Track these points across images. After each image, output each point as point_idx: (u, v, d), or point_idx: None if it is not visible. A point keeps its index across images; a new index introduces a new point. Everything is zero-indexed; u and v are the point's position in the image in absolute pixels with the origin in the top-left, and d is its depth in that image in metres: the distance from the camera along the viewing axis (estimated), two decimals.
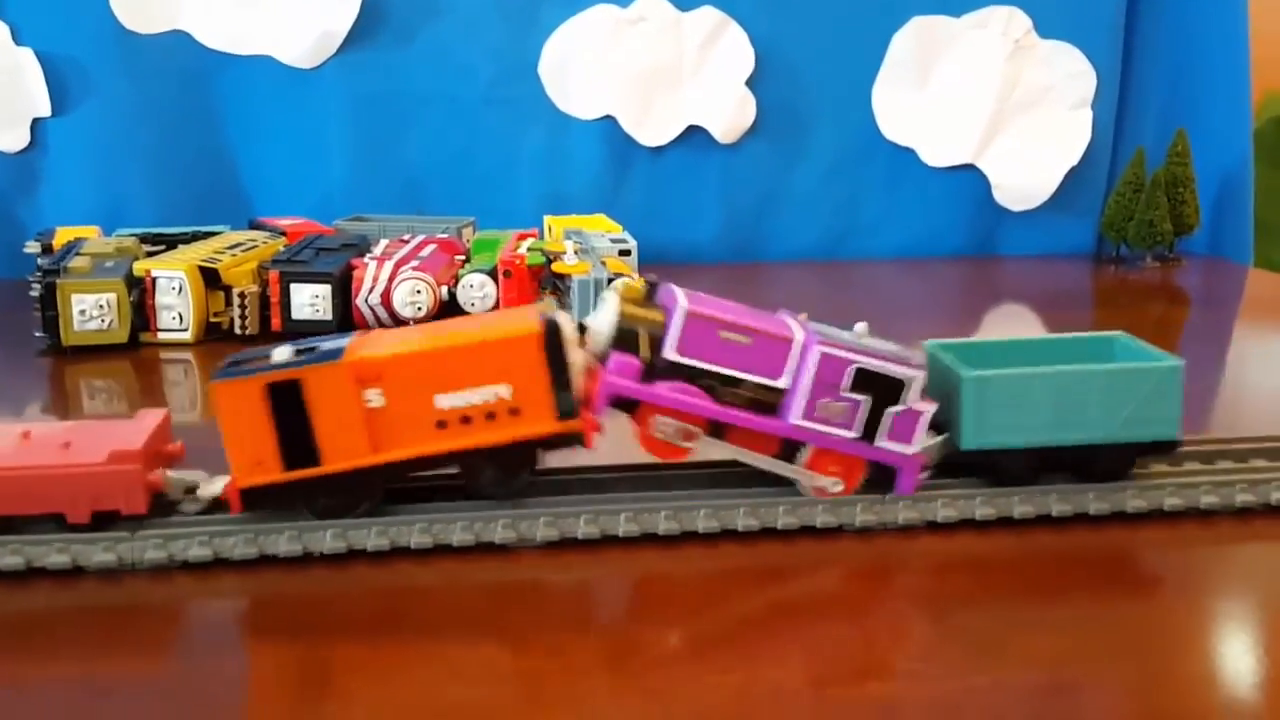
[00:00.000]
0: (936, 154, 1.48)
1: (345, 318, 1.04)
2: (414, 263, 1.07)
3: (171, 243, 1.18)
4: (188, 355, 1.02)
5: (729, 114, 1.43)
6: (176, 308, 1.02)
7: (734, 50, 1.43)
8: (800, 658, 0.50)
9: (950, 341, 0.66)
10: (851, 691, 0.47)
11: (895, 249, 1.51)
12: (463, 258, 1.16)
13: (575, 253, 1.10)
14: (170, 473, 0.59)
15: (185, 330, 1.02)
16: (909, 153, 1.48)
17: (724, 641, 0.51)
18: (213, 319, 1.04)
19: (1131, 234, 1.42)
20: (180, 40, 1.37)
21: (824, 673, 0.48)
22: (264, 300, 1.03)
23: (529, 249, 1.12)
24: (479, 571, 0.57)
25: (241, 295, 1.02)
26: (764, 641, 0.51)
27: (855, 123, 1.47)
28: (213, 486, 0.59)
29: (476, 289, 1.06)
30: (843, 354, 0.59)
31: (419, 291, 1.04)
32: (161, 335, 1.03)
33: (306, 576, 0.57)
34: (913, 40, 1.45)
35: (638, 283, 0.62)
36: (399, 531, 0.58)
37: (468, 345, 0.57)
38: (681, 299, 0.60)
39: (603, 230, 1.23)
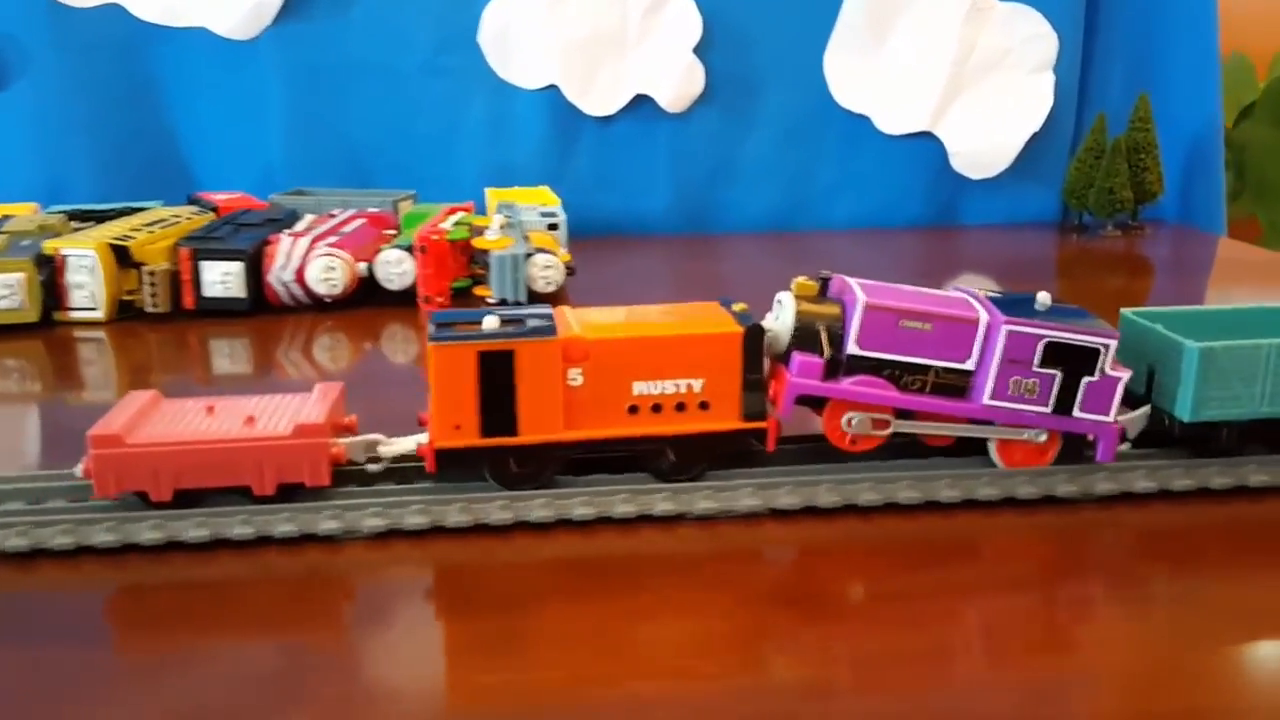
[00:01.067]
0: (892, 121, 1.44)
1: (258, 295, 1.02)
2: (332, 239, 1.05)
3: (101, 219, 1.16)
4: (100, 334, 1.00)
5: (676, 82, 1.39)
6: (88, 286, 1.01)
7: (680, 17, 1.39)
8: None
9: (1154, 310, 0.67)
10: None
11: (852, 219, 1.48)
12: (393, 232, 1.14)
13: (501, 227, 1.08)
14: (350, 439, 0.60)
15: (97, 309, 1.01)
16: (863, 120, 1.44)
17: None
18: (126, 297, 1.02)
19: (1092, 202, 1.38)
20: (114, 13, 1.35)
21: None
22: (175, 278, 1.01)
23: (456, 223, 1.09)
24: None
25: (151, 273, 1.00)
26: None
27: (807, 90, 1.43)
28: (394, 447, 0.60)
29: (394, 265, 1.04)
30: (1031, 330, 0.59)
31: (332, 268, 1.02)
32: (73, 314, 1.01)
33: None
34: (865, 3, 1.41)
35: (810, 281, 0.62)
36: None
37: (673, 337, 0.59)
38: (859, 292, 0.60)
39: (540, 203, 1.21)
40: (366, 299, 1.06)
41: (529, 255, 1.02)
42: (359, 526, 0.57)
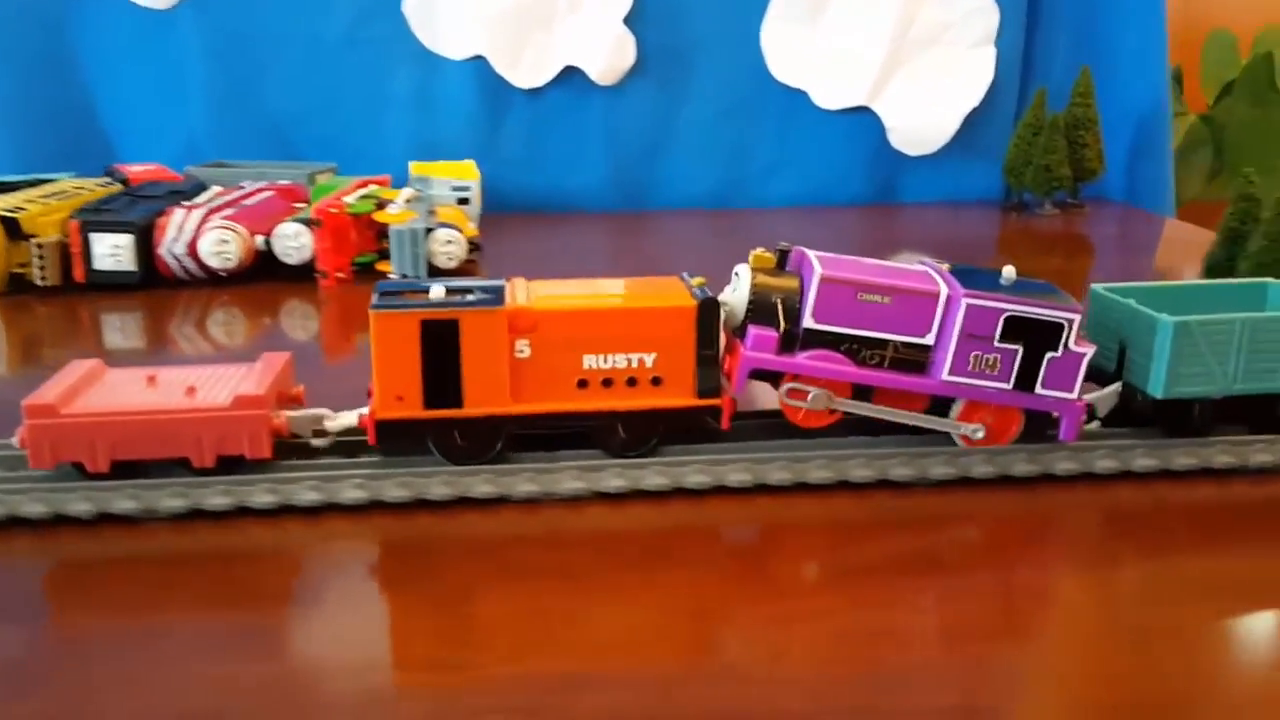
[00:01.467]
0: (829, 96, 1.41)
1: (149, 268, 1.00)
2: (228, 211, 1.02)
3: (5, 191, 1.14)
4: None
5: (607, 54, 1.36)
6: None
7: None
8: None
9: (1125, 285, 0.65)
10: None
11: (792, 196, 1.45)
12: (302, 206, 1.12)
13: (407, 201, 1.06)
14: (294, 412, 0.59)
15: None
16: (800, 95, 1.42)
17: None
18: (17, 270, 1.00)
19: (1029, 179, 1.35)
20: None
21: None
22: (65, 251, 0.99)
23: (362, 197, 1.07)
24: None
25: (40, 245, 0.98)
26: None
27: (743, 64, 1.40)
28: (339, 421, 0.59)
29: (291, 239, 1.02)
30: (991, 304, 0.57)
31: (225, 241, 0.99)
32: None
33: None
34: None
35: (767, 253, 0.61)
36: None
37: (624, 310, 0.58)
38: (816, 264, 0.59)
39: (456, 177, 1.18)
40: (266, 274, 1.04)
41: (429, 230, 1.00)
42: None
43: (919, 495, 0.59)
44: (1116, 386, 0.62)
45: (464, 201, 1.08)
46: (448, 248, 1.00)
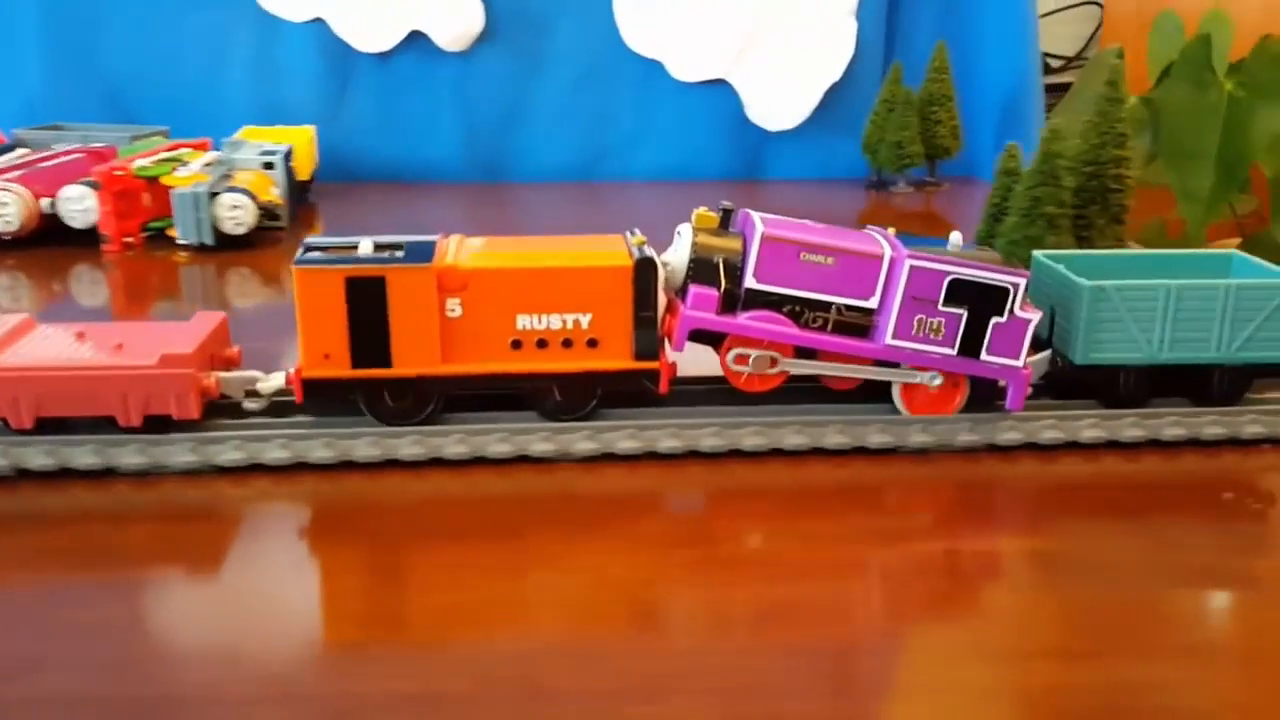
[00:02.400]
0: (686, 68, 1.38)
1: None
2: (16, 174, 1.00)
3: None
4: None
5: (452, 19, 1.33)
6: None
7: None
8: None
9: (1060, 253, 0.65)
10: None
11: (654, 170, 1.42)
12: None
13: (207, 165, 1.03)
14: (225, 374, 0.58)
15: None
16: (656, 65, 1.39)
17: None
18: None
19: (882, 156, 1.33)
20: None
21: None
22: None
23: (159, 160, 1.04)
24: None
25: None
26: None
27: (596, 32, 1.37)
28: (271, 382, 0.58)
29: (75, 201, 0.99)
30: (935, 266, 0.56)
31: (5, 204, 0.97)
32: None
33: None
34: None
35: (709, 212, 0.59)
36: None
37: (558, 269, 0.56)
38: (759, 223, 0.58)
39: (280, 142, 1.15)
40: (54, 238, 1.01)
41: (214, 194, 0.97)
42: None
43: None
44: (1047, 353, 0.61)
45: (269, 166, 1.05)
46: (234, 213, 0.98)
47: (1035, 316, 0.57)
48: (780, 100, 1.39)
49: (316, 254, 0.55)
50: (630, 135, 1.41)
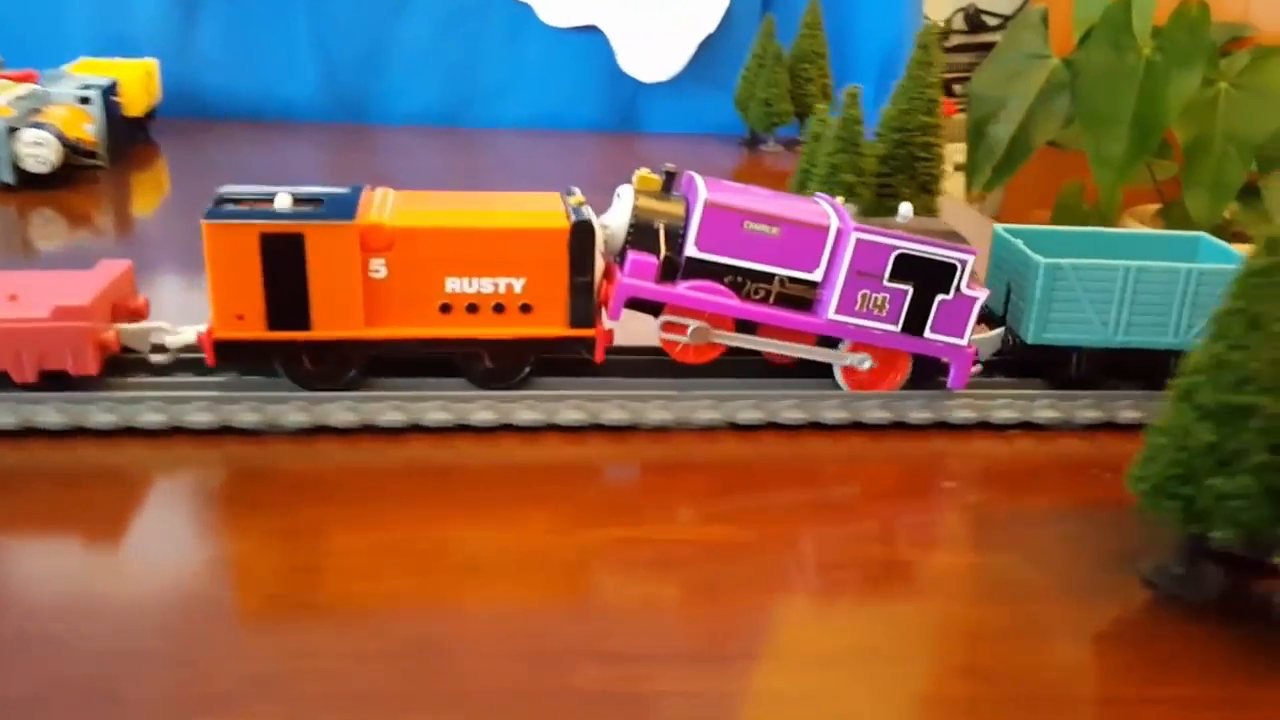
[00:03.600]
0: (555, 12, 1.33)
1: None
2: None
3: None
4: None
5: None
6: None
7: None
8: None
9: (1020, 227, 0.62)
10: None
11: (525, 118, 1.38)
12: None
13: (19, 98, 0.97)
14: (129, 326, 0.54)
15: None
16: (525, 8, 1.34)
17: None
18: None
19: (752, 114, 1.30)
20: None
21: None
22: None
23: None
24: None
25: None
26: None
27: None
28: (180, 337, 0.55)
29: None
30: (882, 240, 0.54)
31: None
32: None
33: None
34: None
35: (651, 175, 0.56)
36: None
37: (490, 230, 0.53)
38: (702, 188, 0.55)
39: (105, 75, 1.08)
40: None
41: (13, 130, 0.91)
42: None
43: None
44: (1000, 330, 0.60)
45: (85, 101, 0.99)
46: (36, 150, 0.92)
47: (982, 294, 0.55)
48: (653, 51, 1.35)
49: (229, 207, 0.51)
50: (499, 81, 1.37)
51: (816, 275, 0.56)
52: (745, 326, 0.56)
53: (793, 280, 0.56)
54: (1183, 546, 0.45)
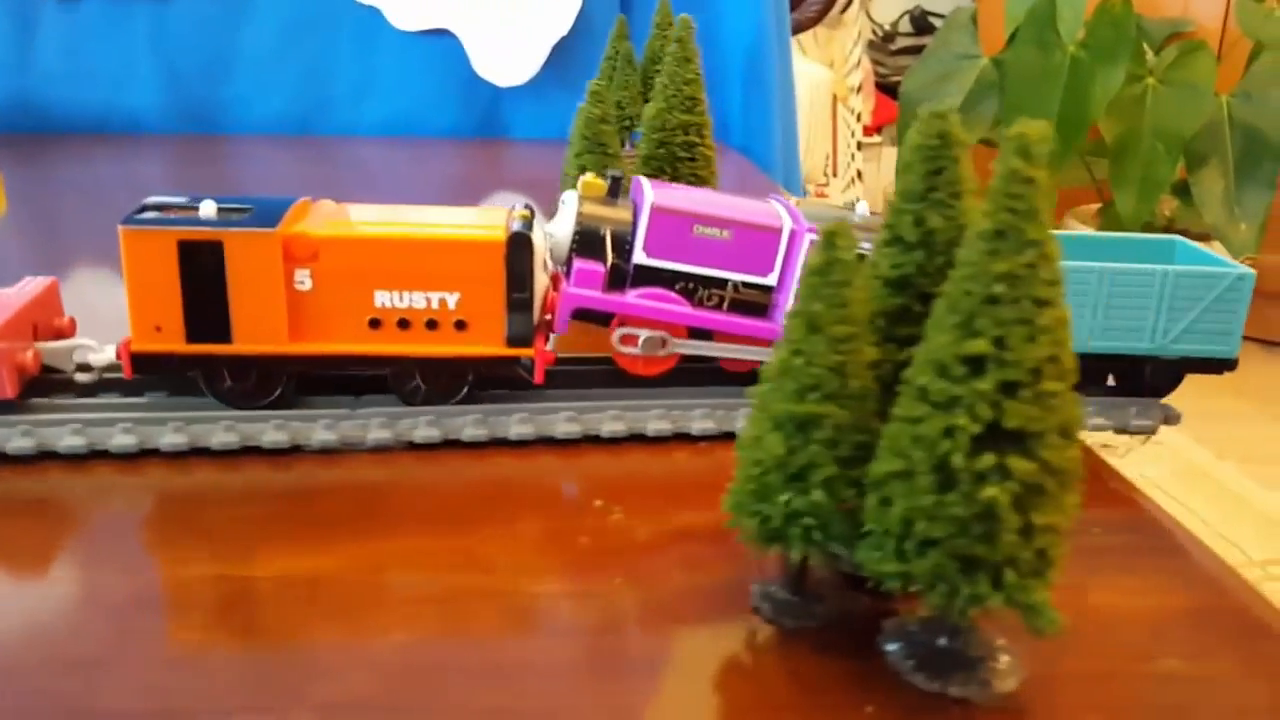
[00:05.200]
0: (405, 16, 1.30)
1: None
2: None
3: None
4: None
5: None
6: None
7: None
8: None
9: None
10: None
11: (381, 125, 1.35)
12: None
13: None
14: (49, 344, 0.53)
15: None
16: (374, 12, 1.31)
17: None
18: None
19: None
20: None
21: None
22: None
23: None
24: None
25: None
26: None
27: None
28: (104, 355, 0.53)
29: None
30: None
31: None
32: None
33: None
34: None
35: (597, 180, 0.54)
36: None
37: (421, 240, 0.51)
38: (649, 192, 0.52)
39: None
40: None
41: None
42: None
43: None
44: None
45: None
46: None
47: None
48: (507, 54, 1.32)
49: (150, 214, 0.49)
50: (352, 87, 1.34)
51: (771, 279, 0.54)
52: (699, 334, 0.54)
53: (747, 285, 0.54)
54: (789, 569, 0.41)
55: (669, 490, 0.50)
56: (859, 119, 3.24)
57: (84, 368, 0.53)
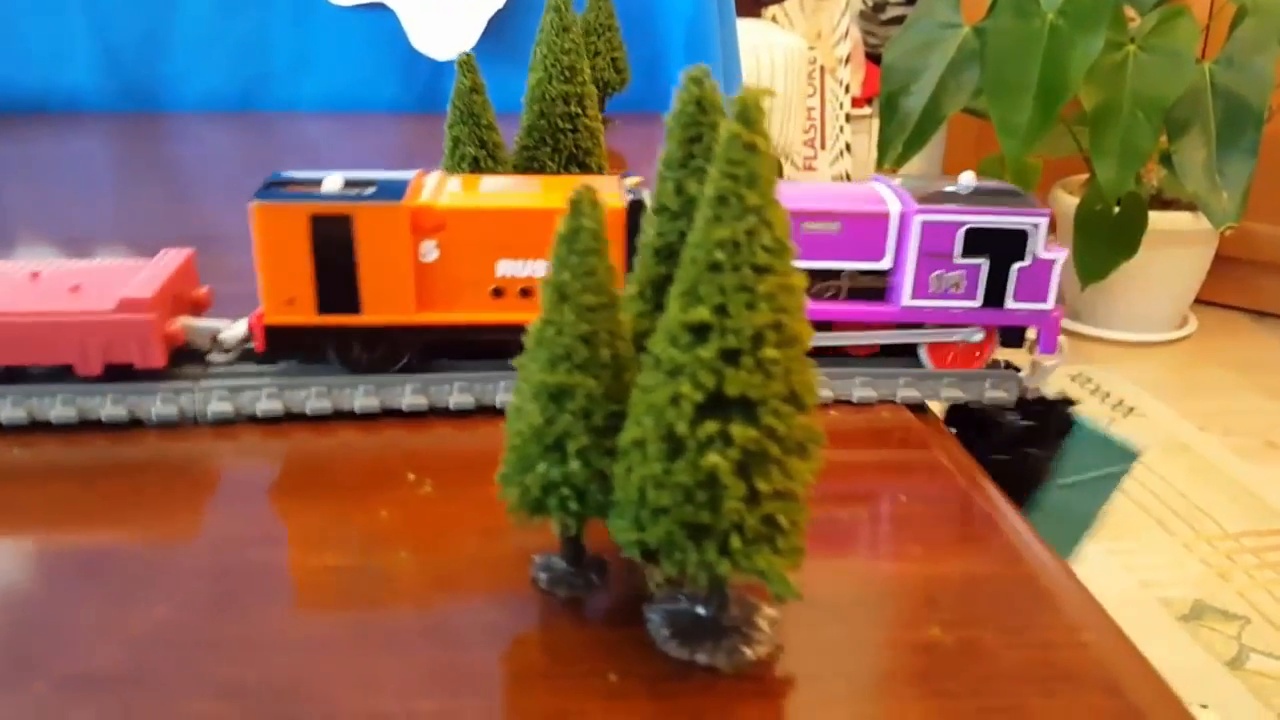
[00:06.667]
0: None
1: None
2: None
3: None
4: None
5: None
6: None
7: None
8: None
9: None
10: None
11: (320, 101, 1.35)
12: None
13: None
14: (190, 321, 0.54)
15: None
16: None
17: None
18: None
19: None
20: None
21: None
22: None
23: None
24: None
25: None
26: None
27: None
28: (234, 331, 0.54)
29: None
30: (948, 217, 0.52)
31: None
32: None
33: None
34: None
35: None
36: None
37: (542, 211, 0.52)
38: None
39: None
40: None
41: None
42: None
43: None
44: None
45: None
46: None
47: (1060, 255, 0.53)
48: (442, 27, 1.31)
49: (278, 189, 0.50)
50: (290, 63, 1.33)
51: (885, 264, 0.54)
52: (821, 325, 0.55)
53: (862, 273, 0.55)
54: (564, 538, 0.41)
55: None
56: (847, 90, 3.21)
57: (218, 346, 0.55)
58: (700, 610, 0.38)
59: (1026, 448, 0.57)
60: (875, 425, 0.54)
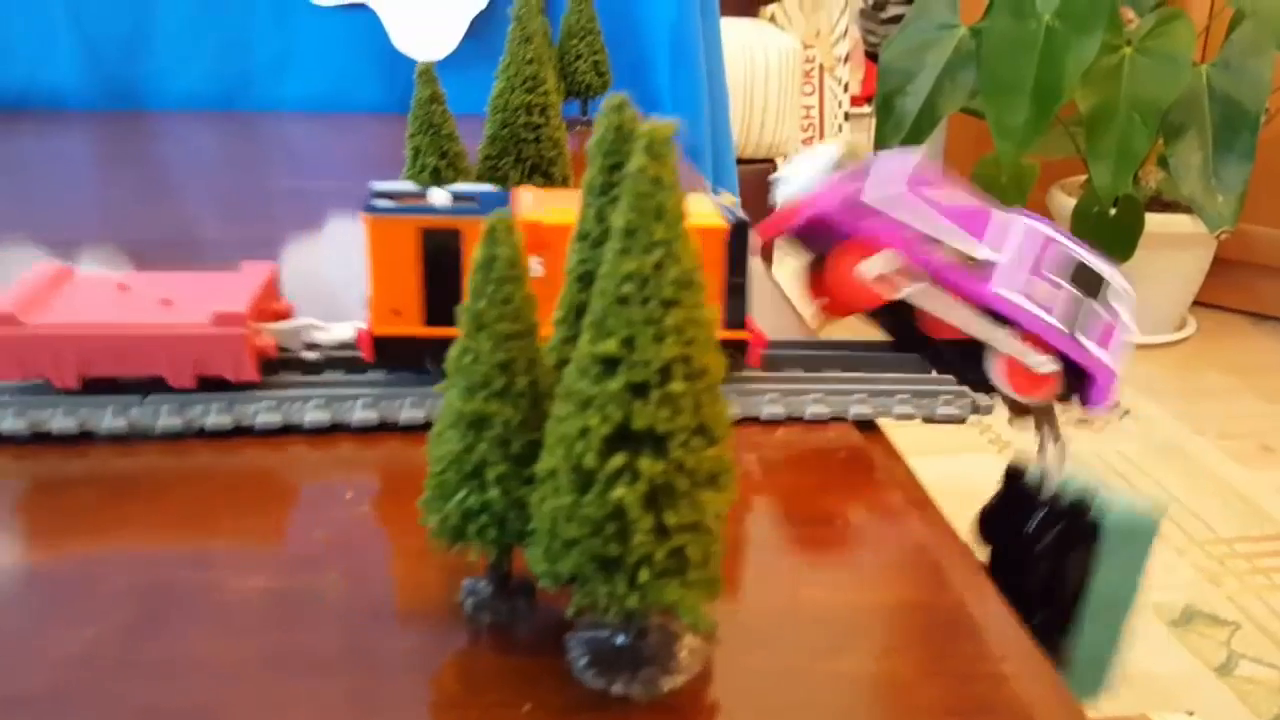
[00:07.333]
0: None
1: None
2: None
3: None
4: None
5: None
6: None
7: None
8: None
9: None
10: None
11: (304, 101, 1.34)
12: None
13: None
14: (280, 325, 0.55)
15: None
16: None
17: None
18: None
19: None
20: None
21: None
22: None
23: None
24: None
25: None
26: None
27: None
28: (332, 334, 0.55)
29: None
30: (1069, 243, 0.54)
31: None
32: None
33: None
34: None
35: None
36: None
37: None
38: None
39: None
40: None
41: None
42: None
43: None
44: None
45: None
46: None
47: (1126, 308, 0.54)
48: (424, 28, 1.31)
49: (386, 202, 0.51)
50: (272, 63, 1.33)
51: (983, 253, 0.54)
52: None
53: (959, 253, 0.54)
54: (489, 565, 0.41)
55: None
56: (846, 89, 3.20)
57: (312, 346, 0.55)
58: (620, 639, 0.38)
59: (1059, 559, 0.54)
60: (821, 445, 0.53)
